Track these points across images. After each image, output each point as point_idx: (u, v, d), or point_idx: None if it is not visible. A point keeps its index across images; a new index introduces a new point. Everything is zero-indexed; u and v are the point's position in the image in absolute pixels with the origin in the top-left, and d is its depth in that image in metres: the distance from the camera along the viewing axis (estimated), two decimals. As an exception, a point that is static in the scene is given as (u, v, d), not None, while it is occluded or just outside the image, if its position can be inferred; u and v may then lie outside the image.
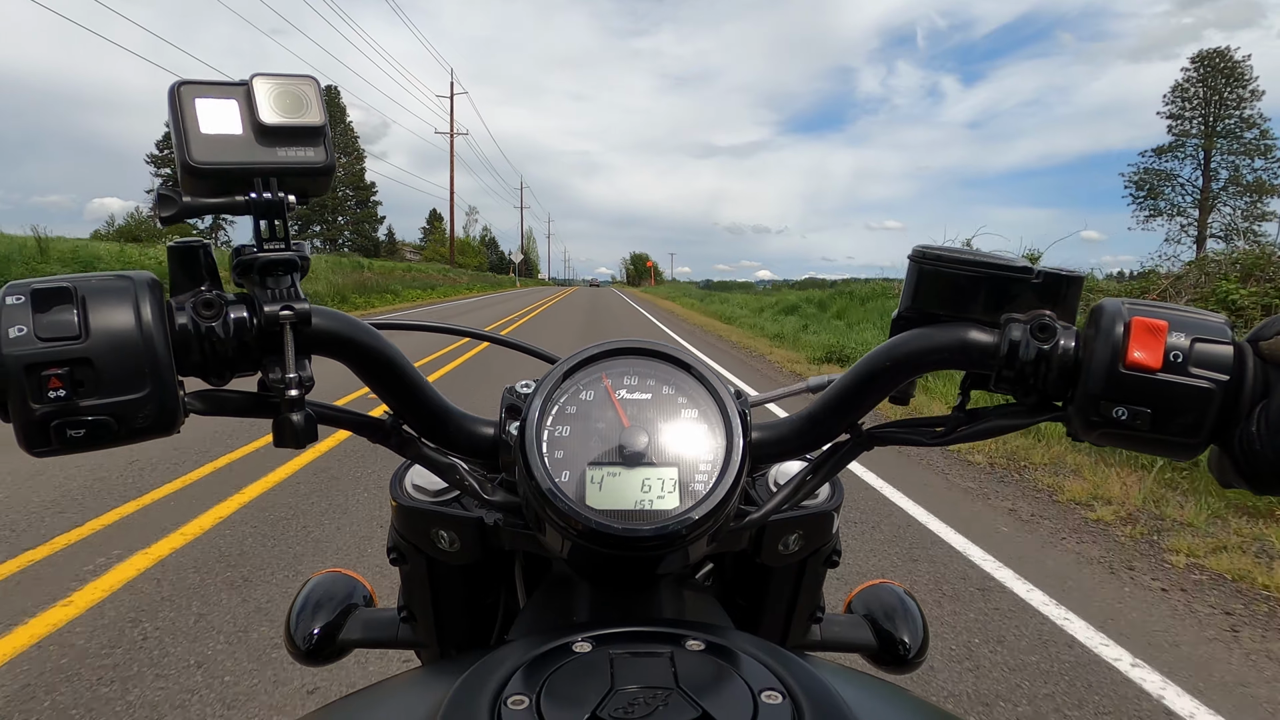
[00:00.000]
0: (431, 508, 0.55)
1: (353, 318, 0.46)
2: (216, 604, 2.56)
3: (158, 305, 0.39)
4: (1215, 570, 3.10)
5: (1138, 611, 2.72)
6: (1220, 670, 2.34)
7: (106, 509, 3.44)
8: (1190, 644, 2.49)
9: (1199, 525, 3.58)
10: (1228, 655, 2.43)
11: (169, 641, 2.31)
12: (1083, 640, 2.48)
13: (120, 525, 3.26)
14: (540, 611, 0.54)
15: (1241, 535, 3.46)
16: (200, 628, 2.39)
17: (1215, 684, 2.25)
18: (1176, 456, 0.43)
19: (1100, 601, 2.80)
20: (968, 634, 2.49)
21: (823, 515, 0.57)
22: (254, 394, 0.44)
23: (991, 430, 0.47)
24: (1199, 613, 2.73)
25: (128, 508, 3.48)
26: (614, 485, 0.44)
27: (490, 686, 0.34)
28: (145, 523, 3.30)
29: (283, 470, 4.09)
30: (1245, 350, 0.41)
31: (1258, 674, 2.32)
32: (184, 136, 0.40)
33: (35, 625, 2.37)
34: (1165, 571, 3.12)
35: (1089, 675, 2.26)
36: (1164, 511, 3.78)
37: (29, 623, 2.38)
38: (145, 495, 3.66)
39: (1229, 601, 2.83)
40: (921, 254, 0.46)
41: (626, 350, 0.48)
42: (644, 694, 0.33)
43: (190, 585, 2.68)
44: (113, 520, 3.32)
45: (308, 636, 0.64)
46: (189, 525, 3.28)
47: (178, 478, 3.94)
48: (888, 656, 0.66)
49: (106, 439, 0.38)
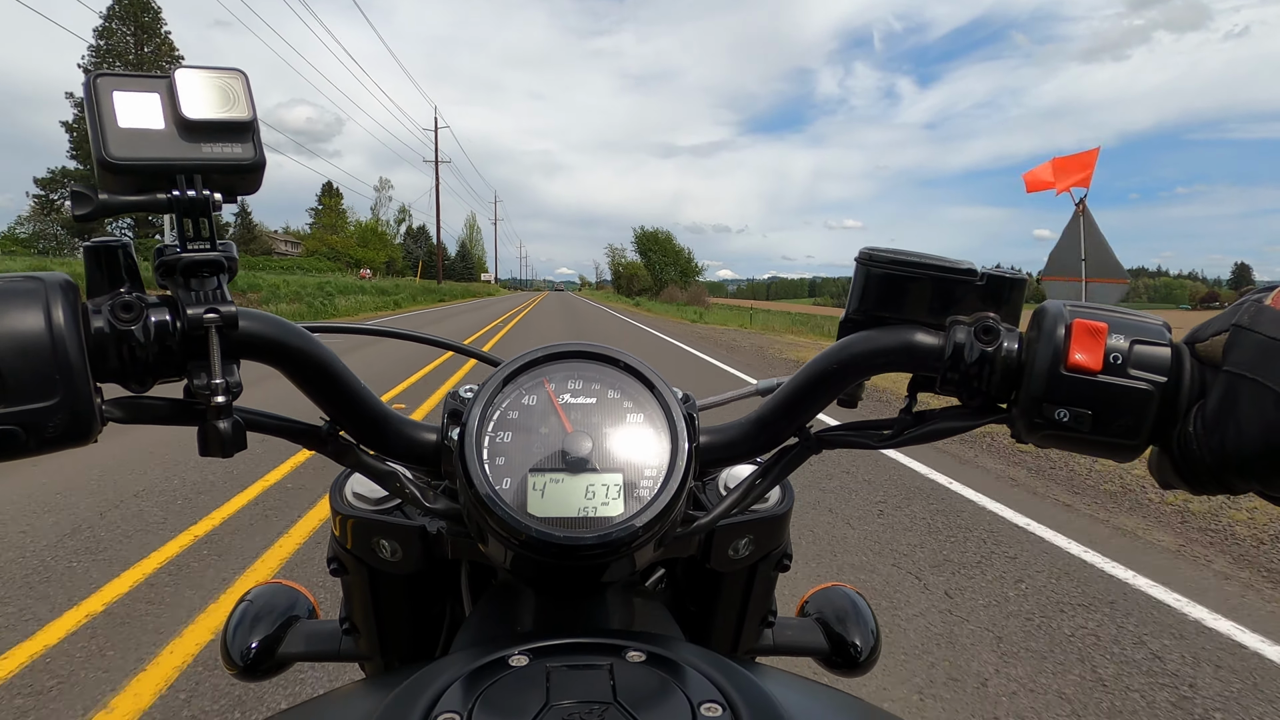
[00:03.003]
0: (372, 516, 0.53)
1: (284, 320, 0.44)
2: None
3: (70, 308, 0.37)
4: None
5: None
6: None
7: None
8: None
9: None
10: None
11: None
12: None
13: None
14: (484, 622, 0.52)
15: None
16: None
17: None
18: (1117, 458, 0.43)
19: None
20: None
21: (773, 519, 0.57)
22: (178, 401, 0.42)
23: (938, 433, 0.47)
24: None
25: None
26: (557, 492, 0.43)
27: (421, 703, 0.33)
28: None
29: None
30: (1183, 351, 0.41)
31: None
32: (100, 131, 0.38)
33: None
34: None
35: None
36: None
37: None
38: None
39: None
40: (869, 256, 0.46)
41: (571, 354, 0.47)
42: (579, 709, 0.32)
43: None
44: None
45: (245, 651, 0.62)
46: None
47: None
48: (839, 659, 0.65)
49: (13, 450, 0.36)
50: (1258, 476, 0.38)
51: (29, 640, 2.31)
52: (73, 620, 2.44)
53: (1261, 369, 0.37)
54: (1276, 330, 0.37)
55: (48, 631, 2.36)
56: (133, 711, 1.97)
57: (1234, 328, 0.39)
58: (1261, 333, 0.37)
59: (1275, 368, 0.36)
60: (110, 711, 1.96)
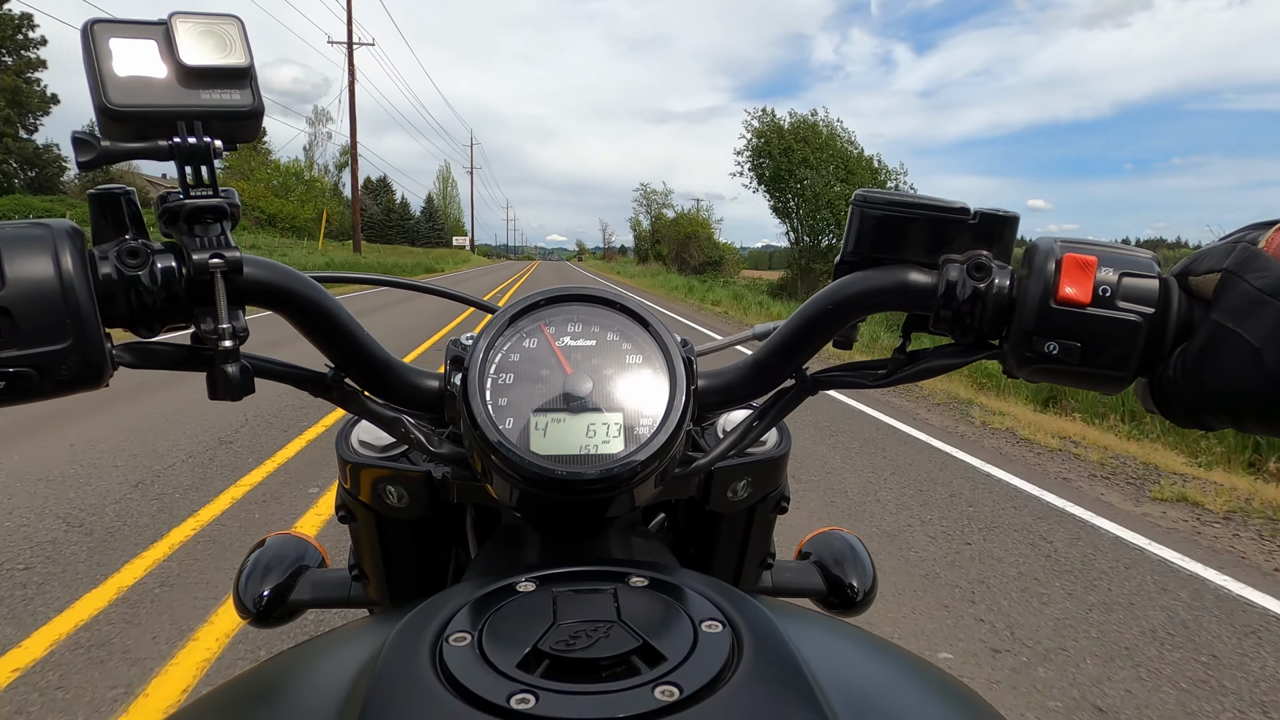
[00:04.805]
0: (378, 463, 0.54)
1: (288, 268, 0.44)
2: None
3: (78, 254, 0.38)
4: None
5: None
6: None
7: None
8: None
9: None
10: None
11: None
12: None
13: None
14: (490, 561, 0.54)
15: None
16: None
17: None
18: (1105, 389, 0.44)
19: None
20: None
21: (771, 461, 0.58)
22: (186, 346, 0.43)
23: (931, 370, 0.48)
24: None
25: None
26: (559, 431, 0.44)
27: (433, 626, 0.35)
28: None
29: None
30: (1170, 284, 0.42)
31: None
32: (99, 78, 0.39)
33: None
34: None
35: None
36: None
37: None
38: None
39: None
40: (864, 199, 0.46)
41: (571, 297, 0.48)
42: (585, 627, 0.34)
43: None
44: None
45: (257, 599, 0.64)
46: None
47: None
48: (837, 600, 0.67)
49: (28, 392, 0.37)
50: (1230, 418, 0.40)
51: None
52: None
53: (1245, 321, 0.38)
54: (1263, 280, 0.37)
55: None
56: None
57: (1225, 272, 0.40)
58: (1249, 282, 0.38)
59: (1256, 321, 0.37)
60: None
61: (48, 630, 2.22)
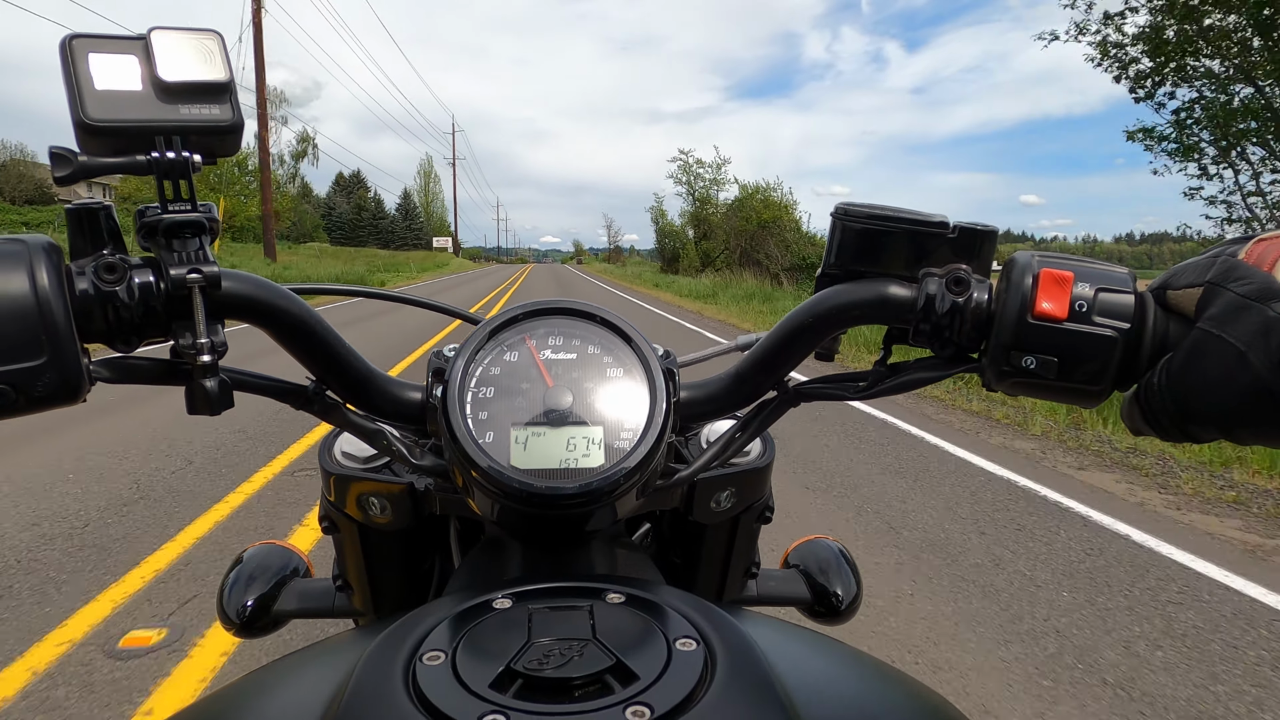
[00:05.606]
0: (361, 475, 0.54)
1: (267, 280, 0.44)
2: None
3: (54, 269, 0.38)
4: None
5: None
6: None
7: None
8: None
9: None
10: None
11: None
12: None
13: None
14: (472, 573, 0.54)
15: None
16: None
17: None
18: (1082, 403, 0.44)
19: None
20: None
21: (754, 471, 0.58)
22: (165, 361, 0.43)
23: (912, 383, 0.48)
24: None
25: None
26: (539, 445, 0.44)
27: (408, 644, 0.34)
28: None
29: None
30: (1146, 299, 0.42)
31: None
32: (77, 93, 0.39)
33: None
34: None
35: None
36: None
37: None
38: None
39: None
40: (844, 211, 0.47)
41: (552, 310, 0.48)
42: (559, 646, 0.34)
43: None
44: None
45: (241, 609, 0.64)
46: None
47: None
48: (822, 609, 0.67)
49: (3, 408, 0.37)
50: (1218, 427, 0.40)
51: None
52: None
53: (1230, 326, 0.38)
54: (1246, 288, 0.38)
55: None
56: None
57: (1207, 284, 0.40)
58: (1233, 291, 0.38)
59: (1242, 325, 0.37)
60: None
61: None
